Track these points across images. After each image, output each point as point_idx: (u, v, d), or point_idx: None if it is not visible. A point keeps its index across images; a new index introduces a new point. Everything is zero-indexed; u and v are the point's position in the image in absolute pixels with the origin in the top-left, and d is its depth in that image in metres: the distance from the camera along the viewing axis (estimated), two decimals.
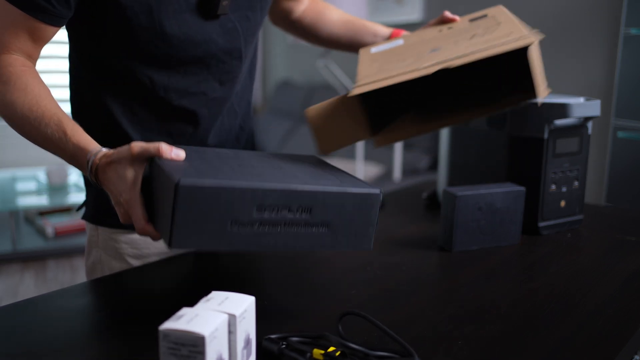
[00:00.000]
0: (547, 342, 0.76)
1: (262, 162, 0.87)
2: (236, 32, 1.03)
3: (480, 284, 0.94)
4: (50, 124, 0.85)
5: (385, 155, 3.35)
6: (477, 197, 1.09)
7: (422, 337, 0.76)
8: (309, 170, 0.87)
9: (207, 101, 1.05)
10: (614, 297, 0.90)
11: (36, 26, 0.90)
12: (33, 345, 0.74)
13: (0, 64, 0.90)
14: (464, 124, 1.29)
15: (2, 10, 0.89)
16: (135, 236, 1.07)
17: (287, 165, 0.88)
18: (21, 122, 0.87)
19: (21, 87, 0.88)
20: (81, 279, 3.23)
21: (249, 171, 0.79)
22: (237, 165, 0.81)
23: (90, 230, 1.09)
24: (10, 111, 0.88)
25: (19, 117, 0.87)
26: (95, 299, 0.90)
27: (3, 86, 0.88)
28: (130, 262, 1.06)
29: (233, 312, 0.62)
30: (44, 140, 0.87)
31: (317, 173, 0.85)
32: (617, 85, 2.38)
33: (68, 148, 0.84)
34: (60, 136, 0.85)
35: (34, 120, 0.86)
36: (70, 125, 0.86)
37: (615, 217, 1.34)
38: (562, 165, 1.20)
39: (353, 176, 0.88)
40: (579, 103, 1.17)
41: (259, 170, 0.80)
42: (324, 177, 0.83)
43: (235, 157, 0.87)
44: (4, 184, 3.84)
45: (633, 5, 2.31)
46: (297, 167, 0.87)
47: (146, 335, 0.76)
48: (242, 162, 0.85)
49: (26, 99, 0.87)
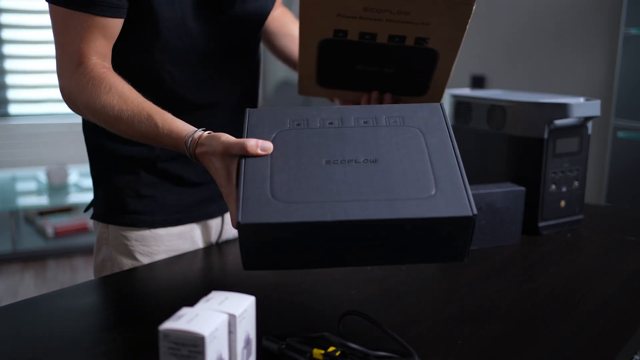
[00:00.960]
0: (547, 342, 0.76)
1: (359, 150, 0.76)
2: (242, 25, 1.06)
3: (480, 284, 0.94)
4: (142, 120, 0.88)
5: None
6: (477, 197, 1.09)
7: (422, 337, 0.76)
8: (408, 171, 0.73)
9: (221, 96, 1.08)
10: (614, 297, 0.90)
11: (102, 23, 0.93)
12: (33, 345, 0.74)
13: (83, 71, 0.93)
14: (463, 123, 1.29)
15: (67, 21, 0.93)
16: (146, 233, 1.08)
17: (385, 160, 0.75)
18: (116, 123, 0.91)
19: (107, 89, 0.91)
20: (81, 278, 3.23)
21: (331, 181, 0.72)
22: (325, 173, 0.73)
23: (100, 227, 1.10)
24: (104, 114, 0.91)
25: (113, 119, 0.91)
26: (94, 299, 0.90)
27: (92, 92, 0.91)
28: (140, 259, 1.07)
29: (233, 312, 0.62)
30: (141, 137, 0.90)
31: (414, 178, 0.72)
32: (617, 85, 2.38)
33: (165, 141, 0.87)
34: (154, 130, 0.87)
35: (128, 119, 0.89)
36: (158, 116, 0.88)
37: (615, 217, 1.34)
38: (562, 165, 1.20)
39: (460, 179, 0.72)
40: (579, 103, 1.17)
41: (345, 177, 0.73)
42: (419, 186, 0.71)
43: (333, 144, 0.77)
44: (4, 184, 3.84)
45: (633, 5, 2.31)
46: (395, 166, 0.74)
47: (146, 335, 0.76)
48: (338, 153, 0.76)
49: (114, 99, 0.90)
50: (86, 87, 0.91)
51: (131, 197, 1.07)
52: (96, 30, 0.93)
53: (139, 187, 1.07)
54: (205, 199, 1.12)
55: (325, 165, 0.74)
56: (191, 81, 1.04)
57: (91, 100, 0.91)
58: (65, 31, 0.94)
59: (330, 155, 0.76)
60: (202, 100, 1.06)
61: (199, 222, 1.13)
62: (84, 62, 0.93)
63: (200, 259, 1.06)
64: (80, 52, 0.94)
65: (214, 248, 1.12)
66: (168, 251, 1.09)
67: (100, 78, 0.92)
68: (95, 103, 0.91)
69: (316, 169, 0.74)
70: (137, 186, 1.07)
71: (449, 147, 0.77)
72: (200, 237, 1.13)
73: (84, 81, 0.92)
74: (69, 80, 0.94)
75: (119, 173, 1.07)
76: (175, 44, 0.99)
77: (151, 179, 1.07)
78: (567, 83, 2.84)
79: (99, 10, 0.92)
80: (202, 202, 1.12)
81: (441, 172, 0.73)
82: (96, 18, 0.92)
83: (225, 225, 1.17)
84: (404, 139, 0.78)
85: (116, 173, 1.07)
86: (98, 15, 0.92)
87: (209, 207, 1.13)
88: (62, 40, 0.95)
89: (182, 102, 1.04)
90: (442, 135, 0.78)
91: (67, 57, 0.95)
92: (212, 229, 1.15)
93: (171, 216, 1.09)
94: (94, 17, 0.92)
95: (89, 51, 0.94)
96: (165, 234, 1.09)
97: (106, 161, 1.08)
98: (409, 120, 0.80)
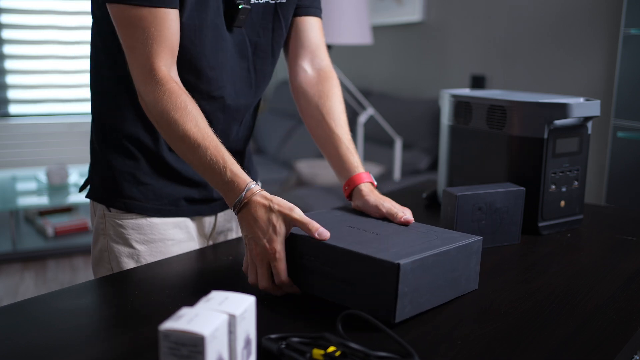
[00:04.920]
0: (547, 342, 0.76)
1: (381, 230, 0.92)
2: (245, 45, 1.08)
3: (480, 284, 0.94)
4: (209, 149, 0.91)
5: (385, 155, 3.35)
6: (477, 197, 1.09)
7: (422, 337, 0.76)
8: (397, 236, 0.89)
9: (224, 107, 1.10)
10: (614, 297, 0.90)
11: (163, 17, 0.94)
12: (33, 345, 0.74)
13: (157, 82, 0.94)
14: (463, 123, 1.29)
15: (129, 22, 0.94)
16: (141, 221, 1.10)
17: (391, 233, 0.91)
18: (180, 142, 0.93)
19: (181, 105, 0.93)
20: (81, 278, 3.23)
21: (339, 231, 0.89)
22: (341, 228, 0.92)
23: (98, 218, 1.12)
24: (172, 129, 0.93)
25: (179, 137, 0.93)
26: (94, 299, 0.90)
27: (165, 105, 0.94)
28: (136, 247, 1.09)
29: (233, 312, 0.62)
30: (200, 164, 0.92)
31: (394, 239, 0.87)
32: (617, 85, 2.38)
33: (225, 174, 0.90)
34: (218, 161, 0.90)
35: (194, 142, 0.92)
36: (227, 154, 0.92)
37: (615, 217, 1.34)
38: (562, 165, 1.20)
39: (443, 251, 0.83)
40: (579, 103, 1.17)
41: (350, 233, 0.89)
42: (390, 242, 0.85)
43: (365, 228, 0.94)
44: (4, 184, 3.84)
45: (633, 5, 2.31)
46: (395, 235, 0.89)
47: (146, 335, 0.76)
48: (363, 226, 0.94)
49: (187, 119, 0.93)
50: (160, 101, 0.94)
51: (129, 182, 1.09)
52: (162, 27, 0.94)
53: (137, 173, 1.09)
54: (199, 199, 1.15)
55: (346, 227, 0.92)
56: (199, 89, 1.05)
57: (167, 119, 0.94)
58: (131, 31, 0.95)
59: (352, 224, 0.95)
60: (207, 108, 1.06)
61: (192, 217, 1.16)
62: (155, 70, 0.95)
63: (201, 259, 1.06)
64: (150, 56, 0.95)
65: (214, 248, 1.12)
66: (164, 239, 1.11)
67: (176, 93, 0.94)
68: (169, 116, 0.93)
69: (336, 225, 0.93)
70: (136, 172, 1.09)
71: None
72: (195, 229, 1.17)
73: (160, 95, 0.94)
74: (145, 88, 0.96)
75: (120, 155, 1.09)
76: (189, 49, 1.01)
77: (151, 167, 1.10)
78: (567, 83, 2.84)
79: (161, 2, 0.93)
80: (195, 201, 1.15)
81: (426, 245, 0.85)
82: (160, 11, 0.93)
83: (218, 219, 1.20)
84: None
85: (117, 155, 1.09)
86: (160, 8, 0.93)
87: (201, 207, 1.16)
88: (129, 42, 0.96)
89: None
90: None
91: (138, 61, 0.96)
92: (206, 223, 1.19)
93: (165, 207, 1.11)
94: (158, 11, 0.93)
95: (159, 56, 0.95)
96: (160, 223, 1.11)
97: (110, 140, 1.09)
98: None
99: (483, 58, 3.21)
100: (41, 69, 4.33)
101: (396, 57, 3.79)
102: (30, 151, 4.26)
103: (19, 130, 4.22)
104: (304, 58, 1.18)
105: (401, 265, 0.76)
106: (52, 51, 4.35)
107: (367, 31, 2.93)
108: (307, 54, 1.18)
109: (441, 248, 0.83)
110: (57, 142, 4.29)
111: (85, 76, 4.33)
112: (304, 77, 1.17)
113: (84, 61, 4.36)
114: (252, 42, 1.10)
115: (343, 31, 2.81)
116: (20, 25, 4.21)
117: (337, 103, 1.15)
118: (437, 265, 0.82)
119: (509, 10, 3.05)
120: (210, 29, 1.01)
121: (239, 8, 1.02)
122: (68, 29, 4.33)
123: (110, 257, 1.09)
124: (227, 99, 1.09)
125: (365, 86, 4.01)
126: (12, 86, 4.26)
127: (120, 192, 1.09)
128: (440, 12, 3.46)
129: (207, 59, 1.03)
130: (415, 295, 0.79)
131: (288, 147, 4.16)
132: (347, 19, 2.82)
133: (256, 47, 1.10)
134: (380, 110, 3.50)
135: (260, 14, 1.08)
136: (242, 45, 1.08)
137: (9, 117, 4.25)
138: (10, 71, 4.23)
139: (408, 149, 3.32)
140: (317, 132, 1.14)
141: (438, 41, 3.48)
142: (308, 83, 1.16)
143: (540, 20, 2.92)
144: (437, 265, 0.82)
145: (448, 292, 0.85)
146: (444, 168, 1.37)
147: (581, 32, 2.75)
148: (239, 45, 1.08)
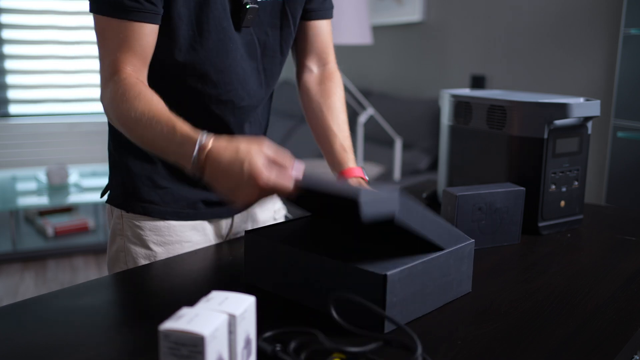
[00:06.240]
0: (547, 342, 0.76)
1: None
2: (253, 44, 1.08)
3: (480, 284, 0.94)
4: (161, 121, 0.89)
5: (385, 155, 3.35)
6: (477, 197, 1.09)
7: (422, 337, 0.76)
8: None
9: (235, 109, 1.09)
10: (614, 297, 0.90)
11: (139, 31, 0.94)
12: (33, 345, 0.74)
13: (117, 79, 0.94)
14: (463, 123, 1.29)
15: (105, 30, 0.95)
16: (159, 223, 1.10)
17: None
18: (135, 125, 0.92)
19: (134, 95, 0.92)
20: (81, 278, 3.23)
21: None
22: None
23: (115, 219, 1.12)
24: (125, 117, 0.92)
25: (132, 121, 0.92)
26: (94, 299, 0.90)
27: (120, 97, 0.93)
28: (153, 249, 1.10)
29: (233, 312, 0.62)
30: (153, 137, 0.90)
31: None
32: (617, 85, 2.38)
33: (176, 138, 0.87)
34: (169, 129, 0.88)
35: (147, 121, 0.90)
36: (179, 121, 0.89)
37: (615, 217, 1.34)
38: (562, 165, 1.20)
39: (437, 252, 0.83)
40: (578, 103, 1.17)
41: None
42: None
43: None
44: (4, 184, 3.84)
45: (633, 5, 2.31)
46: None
47: (146, 335, 0.76)
48: None
49: (140, 104, 0.91)
50: (116, 96, 0.93)
51: (147, 186, 1.09)
52: (133, 38, 0.94)
53: (155, 177, 1.09)
54: (217, 202, 1.15)
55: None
56: (208, 93, 1.06)
57: (121, 108, 0.92)
58: (104, 41, 0.96)
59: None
60: (217, 112, 1.07)
61: (210, 220, 1.16)
62: (119, 71, 0.94)
63: (201, 259, 1.06)
64: (117, 61, 0.95)
65: (214, 248, 1.12)
66: (181, 241, 1.11)
67: (131, 85, 0.93)
68: (120, 106, 0.92)
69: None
70: (154, 176, 1.09)
71: None
72: (212, 231, 1.17)
73: (116, 90, 0.93)
74: (104, 90, 0.96)
75: (137, 160, 1.09)
76: (196, 50, 1.01)
77: (168, 170, 1.10)
78: (567, 83, 2.83)
79: (135, 16, 0.93)
80: (213, 204, 1.14)
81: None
82: (134, 25, 0.94)
83: (234, 220, 1.20)
84: None
85: (135, 160, 1.09)
86: (135, 21, 0.93)
87: (219, 209, 1.16)
88: (102, 51, 0.97)
89: (198, 112, 1.05)
90: None
91: (104, 67, 0.96)
92: (223, 225, 1.19)
93: (183, 210, 1.12)
94: (131, 24, 0.94)
95: (125, 61, 0.95)
96: (178, 225, 1.11)
97: (126, 146, 1.09)
98: None
99: (483, 58, 3.21)
100: (41, 69, 4.32)
101: (396, 57, 3.79)
102: (30, 151, 4.26)
103: (19, 130, 4.22)
104: (311, 59, 1.22)
105: (388, 276, 0.75)
106: (52, 51, 4.35)
107: (367, 31, 2.93)
108: (315, 55, 1.21)
109: (430, 255, 0.82)
110: (57, 142, 4.29)
111: (85, 76, 4.34)
112: (309, 75, 1.22)
113: (84, 61, 4.36)
114: (261, 41, 1.09)
115: (343, 31, 2.81)
116: (20, 25, 4.21)
117: (338, 102, 1.19)
118: (427, 272, 0.81)
119: (509, 10, 3.05)
120: (215, 33, 1.01)
121: (247, 8, 1.02)
122: (68, 29, 4.33)
123: (127, 258, 1.10)
124: (237, 101, 1.08)
125: (365, 86, 4.01)
126: (12, 86, 4.25)
127: (139, 196, 1.09)
128: (440, 12, 3.46)
129: (213, 63, 1.03)
130: (405, 304, 0.78)
131: (288, 147, 4.16)
132: (347, 19, 2.82)
133: (265, 46, 1.10)
134: (380, 110, 3.50)
135: (268, 13, 1.08)
136: (251, 46, 1.08)
137: (9, 117, 4.25)
138: (10, 71, 4.23)
139: (408, 149, 3.32)
140: (316, 128, 1.18)
141: (438, 41, 3.48)
142: (312, 81, 1.21)
143: (540, 20, 2.92)
144: (427, 273, 0.81)
145: (439, 298, 0.84)
146: (444, 168, 1.37)
147: (581, 32, 2.75)
148: (248, 45, 1.07)
